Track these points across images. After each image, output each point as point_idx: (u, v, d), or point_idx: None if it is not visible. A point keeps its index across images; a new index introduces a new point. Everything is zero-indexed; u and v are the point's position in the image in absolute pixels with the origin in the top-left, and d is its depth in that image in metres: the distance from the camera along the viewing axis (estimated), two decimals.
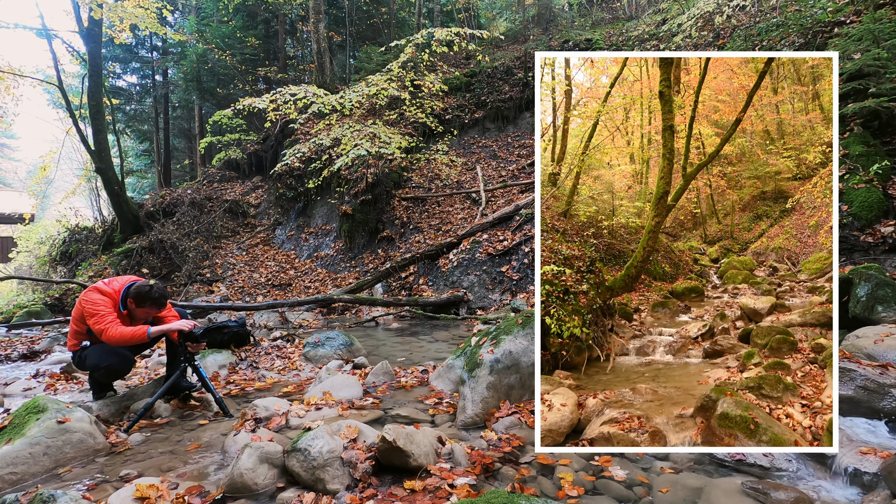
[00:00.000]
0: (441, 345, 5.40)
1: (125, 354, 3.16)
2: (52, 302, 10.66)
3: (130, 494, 1.97)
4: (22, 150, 37.42)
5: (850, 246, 4.73)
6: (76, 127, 12.64)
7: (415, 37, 9.77)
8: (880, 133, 5.35)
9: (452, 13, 19.53)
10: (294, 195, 13.27)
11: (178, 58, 18.78)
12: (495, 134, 12.87)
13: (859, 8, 6.84)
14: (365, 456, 2.19)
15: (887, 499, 1.83)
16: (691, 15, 11.16)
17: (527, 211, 8.43)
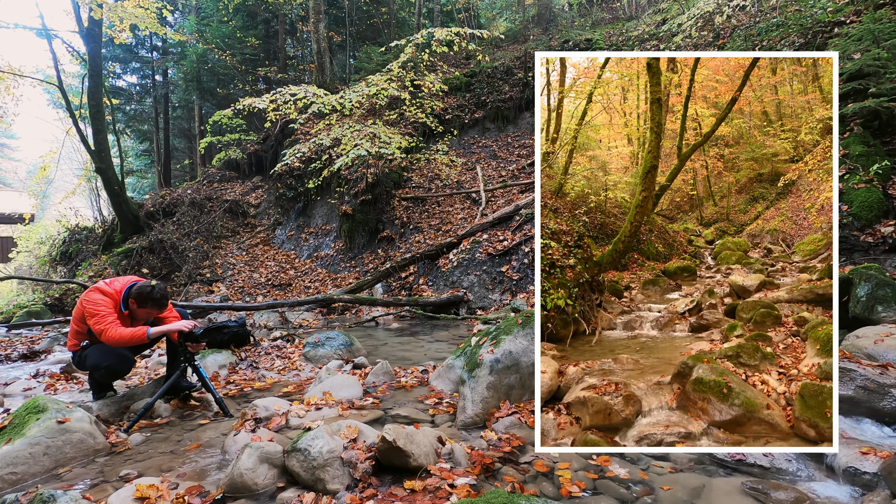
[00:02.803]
0: (441, 345, 5.40)
1: (125, 355, 3.16)
2: (52, 302, 10.66)
3: (130, 494, 1.97)
4: (22, 150, 37.43)
5: (850, 246, 4.73)
6: (76, 127, 12.65)
7: (415, 37, 9.76)
8: (880, 133, 5.34)
9: (452, 13, 19.53)
10: (294, 195, 13.27)
11: (178, 58, 18.78)
12: (495, 134, 12.87)
13: (859, 8, 6.84)
14: (365, 456, 2.19)
15: (887, 499, 1.83)
16: (691, 15, 11.16)
17: (527, 211, 8.43)
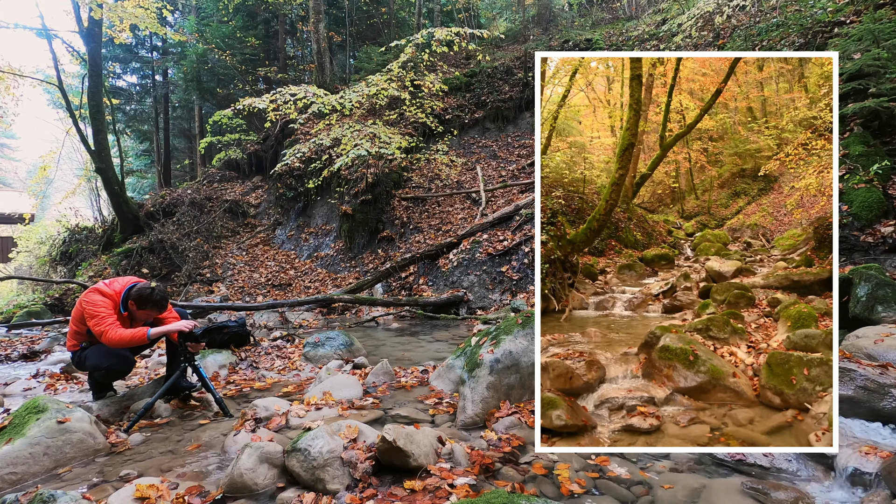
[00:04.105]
0: (441, 345, 5.40)
1: (125, 355, 3.16)
2: (52, 302, 10.66)
3: (130, 494, 1.97)
4: (22, 150, 37.43)
5: (850, 246, 4.73)
6: (76, 127, 12.64)
7: (415, 37, 9.76)
8: (880, 133, 5.34)
9: (452, 13, 19.52)
10: (294, 195, 13.26)
11: (178, 58, 18.77)
12: (495, 134, 12.87)
13: (859, 8, 6.84)
14: (365, 456, 2.19)
15: (887, 499, 1.83)
16: (691, 15, 11.16)
17: (527, 211, 8.43)
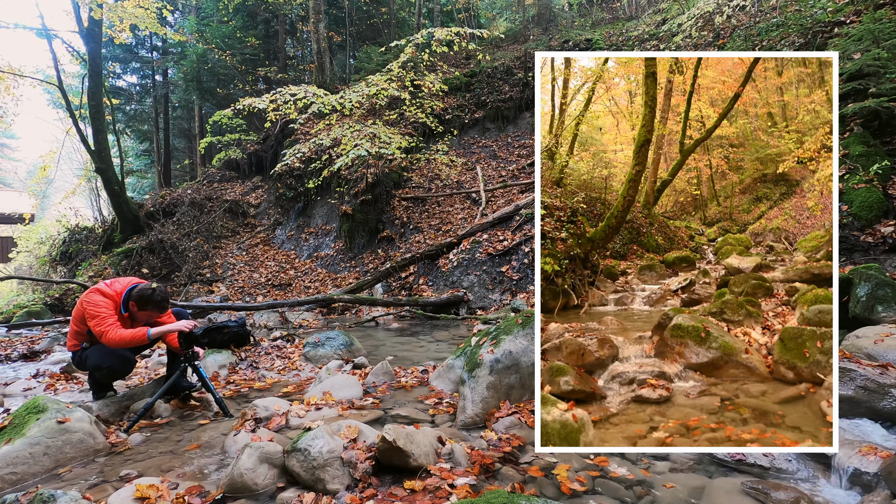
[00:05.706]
0: (441, 345, 5.40)
1: (125, 355, 3.16)
2: (52, 302, 10.66)
3: (130, 494, 1.97)
4: (22, 150, 37.45)
5: (850, 246, 4.73)
6: (76, 127, 12.64)
7: (415, 37, 9.76)
8: (880, 133, 5.35)
9: (452, 13, 19.52)
10: (294, 195, 13.26)
11: (178, 58, 18.77)
12: (495, 134, 12.87)
13: (859, 8, 6.84)
14: (365, 456, 2.19)
15: (887, 499, 1.83)
16: (691, 15, 11.16)
17: (527, 211, 8.43)
